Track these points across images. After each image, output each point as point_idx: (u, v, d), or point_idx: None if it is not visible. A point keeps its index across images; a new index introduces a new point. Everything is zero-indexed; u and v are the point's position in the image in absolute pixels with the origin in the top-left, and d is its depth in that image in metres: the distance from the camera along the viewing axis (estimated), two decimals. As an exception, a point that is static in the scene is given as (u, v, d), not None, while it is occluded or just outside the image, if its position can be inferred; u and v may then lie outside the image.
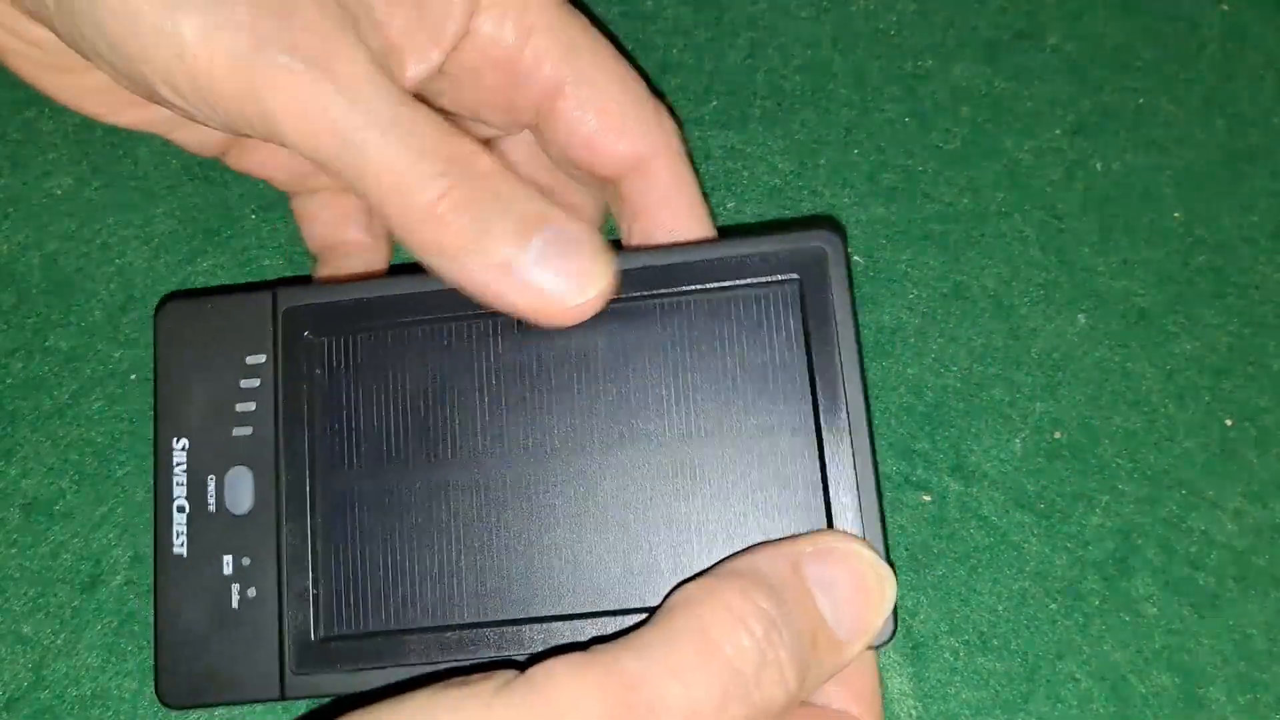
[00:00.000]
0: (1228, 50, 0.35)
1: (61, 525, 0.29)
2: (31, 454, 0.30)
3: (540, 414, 0.24)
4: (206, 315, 0.25)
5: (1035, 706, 0.28)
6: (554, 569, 0.24)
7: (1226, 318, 0.32)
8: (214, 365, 0.25)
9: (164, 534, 0.24)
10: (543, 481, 0.24)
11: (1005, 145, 0.34)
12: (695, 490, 0.24)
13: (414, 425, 0.24)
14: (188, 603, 0.24)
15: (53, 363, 0.31)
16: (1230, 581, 0.30)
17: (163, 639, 0.24)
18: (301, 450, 0.24)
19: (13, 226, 0.32)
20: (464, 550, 0.24)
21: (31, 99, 0.33)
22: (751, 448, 0.24)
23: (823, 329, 0.24)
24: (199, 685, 0.23)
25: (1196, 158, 0.34)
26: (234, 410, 0.24)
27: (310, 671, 0.23)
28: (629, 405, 0.24)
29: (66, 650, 0.28)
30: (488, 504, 0.24)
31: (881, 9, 0.35)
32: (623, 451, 0.24)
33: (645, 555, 0.23)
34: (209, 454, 0.24)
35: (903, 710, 0.28)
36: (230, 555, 0.24)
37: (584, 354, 0.24)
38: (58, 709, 0.27)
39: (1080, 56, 0.35)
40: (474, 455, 0.24)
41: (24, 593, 0.28)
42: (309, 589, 0.24)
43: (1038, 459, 0.31)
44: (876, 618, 0.22)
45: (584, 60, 0.25)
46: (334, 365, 0.24)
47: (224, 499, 0.24)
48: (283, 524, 0.24)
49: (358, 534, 0.24)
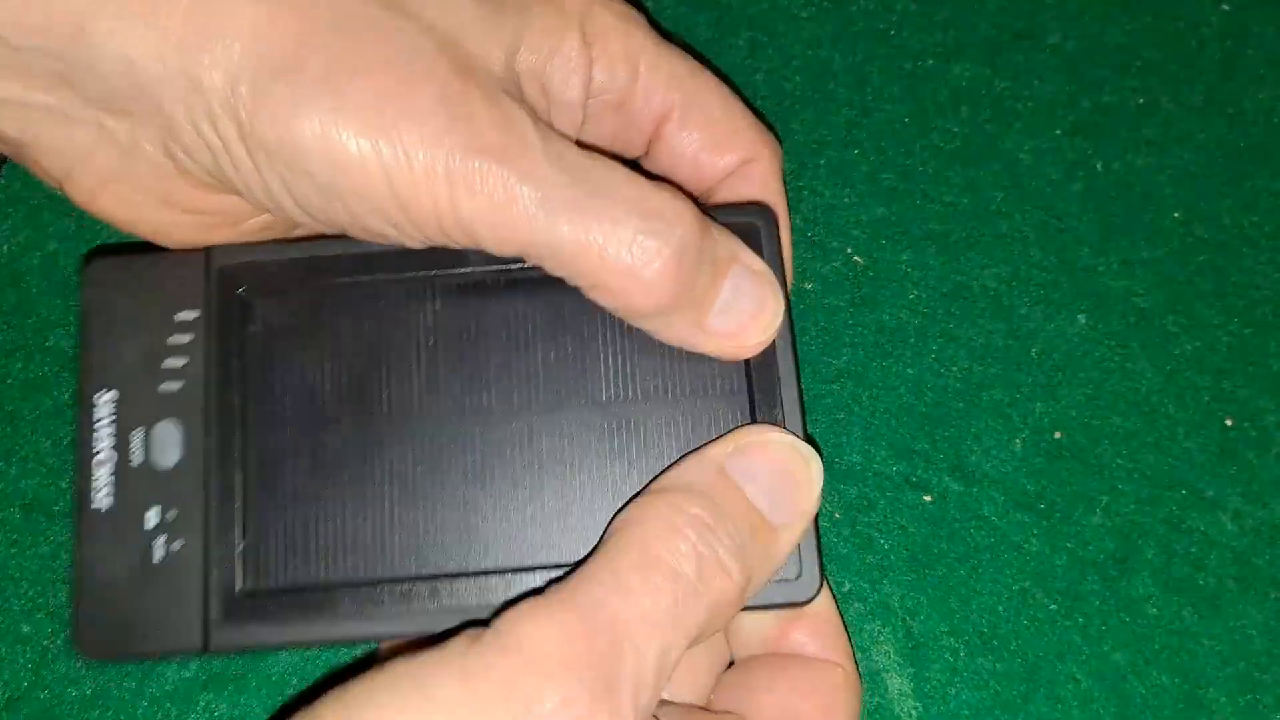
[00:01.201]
0: (1228, 50, 0.35)
1: (61, 525, 0.29)
2: (31, 454, 0.30)
3: (478, 375, 0.24)
4: (135, 271, 0.25)
5: (1035, 707, 0.28)
6: (488, 526, 0.24)
7: (1226, 318, 0.32)
8: (143, 320, 0.24)
9: (85, 486, 0.24)
10: (478, 441, 0.24)
11: (1005, 145, 0.34)
12: (631, 448, 0.24)
13: (349, 384, 0.24)
14: (109, 554, 0.23)
15: (53, 363, 0.30)
16: (1230, 582, 0.30)
17: (82, 591, 0.23)
18: (232, 405, 0.24)
19: (13, 226, 0.32)
20: (395, 507, 0.24)
21: (31, 99, 0.33)
22: (686, 407, 0.24)
23: None
24: (119, 637, 0.23)
25: (1196, 157, 0.34)
26: (163, 366, 0.24)
27: (234, 623, 0.23)
28: (566, 367, 0.24)
29: (66, 650, 0.28)
30: (422, 462, 0.24)
31: (881, 9, 0.35)
32: (559, 412, 0.24)
33: (580, 512, 0.24)
34: (136, 407, 0.24)
35: (903, 710, 0.28)
36: (156, 508, 0.24)
37: (522, 317, 0.24)
38: (57, 709, 0.27)
39: (1080, 56, 0.35)
40: (409, 414, 0.24)
41: (24, 592, 0.28)
42: (236, 542, 0.23)
43: (1038, 459, 0.31)
44: (807, 496, 0.23)
45: (688, 85, 0.27)
46: (267, 323, 0.24)
47: (151, 452, 0.24)
48: (212, 476, 0.24)
49: (288, 489, 0.24)
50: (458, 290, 0.25)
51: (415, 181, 0.21)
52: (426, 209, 0.22)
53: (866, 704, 0.28)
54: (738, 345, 0.24)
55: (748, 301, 0.23)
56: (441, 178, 0.21)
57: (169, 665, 0.28)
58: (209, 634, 0.23)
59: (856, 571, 0.30)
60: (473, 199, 0.21)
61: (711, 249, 0.23)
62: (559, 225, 0.22)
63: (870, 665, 0.29)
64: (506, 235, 0.22)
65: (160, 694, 0.28)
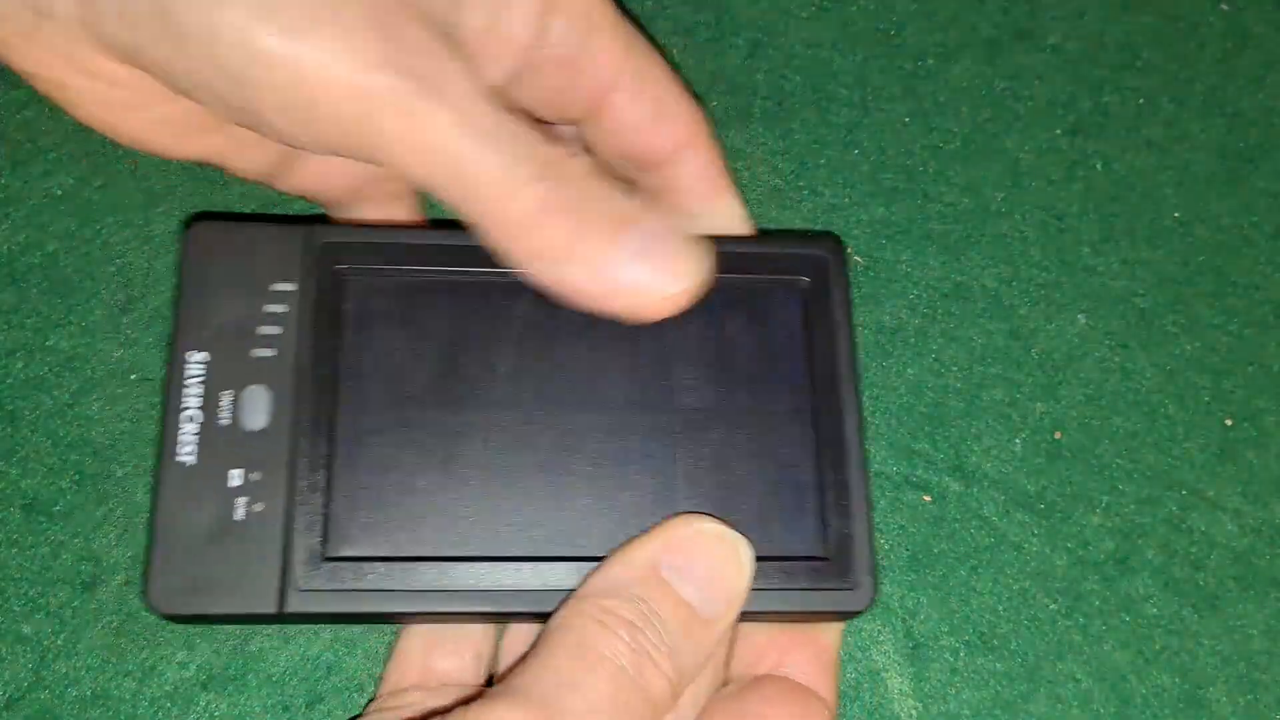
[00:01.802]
0: (1228, 50, 0.35)
1: (61, 525, 0.29)
2: (32, 454, 0.30)
3: (559, 370, 0.25)
4: (236, 238, 0.25)
5: (1035, 707, 0.28)
6: (559, 514, 0.25)
7: (1227, 318, 0.32)
8: (239, 287, 0.25)
9: (170, 441, 0.24)
10: (556, 433, 0.25)
11: (1005, 145, 0.34)
12: (698, 448, 0.25)
13: (437, 367, 0.25)
14: (189, 511, 0.24)
15: (53, 363, 0.31)
16: (1230, 582, 0.30)
17: (158, 545, 0.23)
18: (324, 376, 0.25)
19: (13, 226, 0.32)
20: (476, 488, 0.24)
21: (31, 99, 0.33)
22: (749, 424, 0.25)
23: (825, 328, 0.26)
24: (192, 594, 0.23)
25: (1196, 157, 0.34)
26: (256, 332, 0.25)
27: (312, 589, 0.23)
28: (643, 373, 0.26)
29: (66, 650, 0.28)
30: (502, 447, 0.25)
31: (881, 9, 0.35)
32: (635, 414, 0.25)
33: (645, 509, 0.25)
34: (227, 370, 0.24)
35: (903, 710, 0.28)
36: (239, 469, 0.24)
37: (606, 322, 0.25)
38: (57, 709, 0.27)
39: (1080, 56, 0.35)
40: (492, 402, 0.25)
41: (24, 593, 0.28)
42: (319, 508, 0.24)
43: (1038, 459, 0.31)
44: (736, 584, 0.23)
45: (638, 58, 0.27)
46: (361, 301, 0.25)
47: (238, 414, 0.24)
48: (300, 443, 0.24)
49: (372, 462, 0.24)
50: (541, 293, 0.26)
51: (330, 87, 0.21)
52: (338, 117, 0.22)
53: (867, 703, 0.28)
54: (640, 303, 0.23)
55: (657, 254, 0.23)
56: (360, 89, 0.21)
57: (169, 665, 0.28)
58: (285, 598, 0.23)
59: (857, 571, 0.30)
60: (386, 115, 0.22)
61: (613, 204, 0.23)
62: (467, 154, 0.22)
63: (870, 665, 0.29)
64: (412, 157, 0.22)
65: (160, 694, 0.28)
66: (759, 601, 0.24)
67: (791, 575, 0.25)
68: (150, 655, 0.28)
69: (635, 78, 0.27)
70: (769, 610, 0.25)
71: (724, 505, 0.25)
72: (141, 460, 0.30)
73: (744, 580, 0.23)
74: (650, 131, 0.27)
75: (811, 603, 0.24)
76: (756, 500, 0.25)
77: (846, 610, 0.25)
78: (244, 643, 0.28)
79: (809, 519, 0.25)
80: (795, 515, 0.25)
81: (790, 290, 0.27)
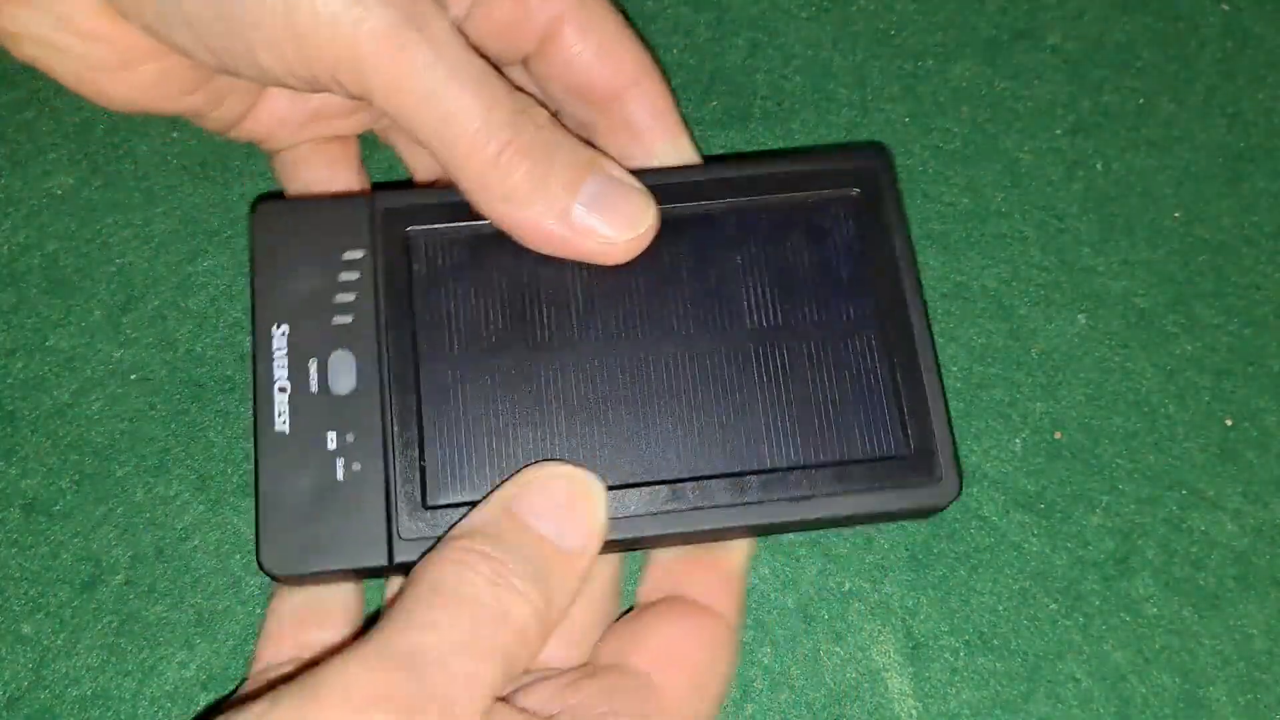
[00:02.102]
0: (1228, 50, 0.35)
1: (61, 525, 0.29)
2: (31, 454, 0.30)
3: (629, 306, 0.26)
4: (302, 214, 0.27)
5: (1035, 706, 0.28)
6: (642, 442, 0.26)
7: (1227, 318, 0.32)
8: (312, 259, 0.26)
9: (265, 412, 0.25)
10: (631, 364, 0.26)
11: (1005, 145, 0.34)
12: (773, 372, 0.26)
13: (510, 314, 0.26)
14: (291, 476, 0.25)
15: (53, 363, 0.31)
16: (1230, 581, 0.30)
17: (265, 511, 0.25)
18: (405, 335, 0.26)
19: (13, 227, 0.32)
20: (560, 424, 0.26)
21: (32, 99, 0.33)
22: (819, 335, 0.26)
23: (880, 236, 0.27)
24: (304, 553, 0.24)
25: (1196, 157, 0.34)
26: (333, 300, 0.26)
27: (418, 537, 0.24)
28: (709, 298, 0.27)
29: (66, 650, 0.28)
30: (581, 384, 0.26)
31: (881, 9, 0.35)
32: (707, 339, 0.26)
33: (727, 429, 0.26)
34: (310, 339, 0.26)
35: (903, 710, 0.28)
36: (334, 432, 0.25)
37: (669, 253, 0.27)
38: (57, 709, 0.27)
39: (1080, 56, 0.35)
40: (567, 342, 0.26)
41: (24, 592, 0.28)
42: (417, 459, 0.25)
43: (1038, 459, 0.31)
44: (592, 517, 0.24)
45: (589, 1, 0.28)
46: (431, 259, 0.27)
47: (327, 380, 0.25)
48: (389, 401, 0.25)
49: (461, 411, 0.26)
50: None
51: (320, 18, 0.23)
52: (327, 49, 0.23)
53: (867, 703, 0.28)
54: (596, 249, 0.25)
55: (612, 202, 0.25)
56: (349, 20, 0.23)
57: (169, 665, 0.28)
58: (393, 549, 0.24)
59: (856, 571, 0.30)
60: (373, 47, 0.23)
61: (574, 153, 0.25)
62: (447, 94, 0.24)
63: (870, 664, 0.29)
64: (394, 91, 0.24)
65: (160, 693, 0.28)
66: (847, 505, 0.25)
67: (876, 475, 0.25)
68: (150, 655, 0.28)
69: (582, 10, 0.28)
70: (858, 513, 0.25)
71: (803, 416, 0.26)
72: (141, 460, 0.30)
73: (598, 512, 0.24)
74: (599, 66, 0.28)
75: (898, 500, 0.25)
76: (834, 407, 0.26)
77: (934, 505, 0.26)
78: (243, 643, 0.28)
79: (887, 420, 0.26)
80: (874, 417, 0.26)
81: (843, 202, 0.27)
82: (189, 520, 0.29)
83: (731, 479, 0.25)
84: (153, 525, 0.29)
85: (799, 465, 0.26)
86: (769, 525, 0.25)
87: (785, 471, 0.25)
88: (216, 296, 0.31)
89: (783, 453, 0.26)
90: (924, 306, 0.27)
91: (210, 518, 0.29)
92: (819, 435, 0.26)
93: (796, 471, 0.25)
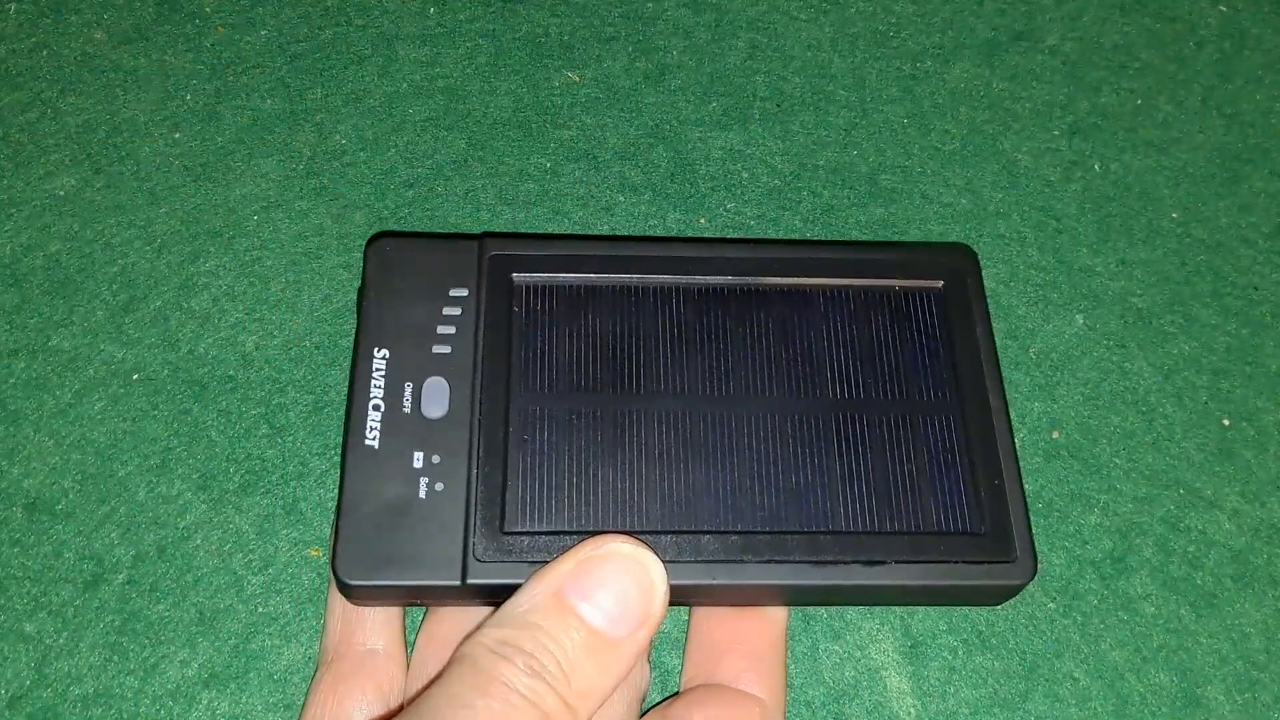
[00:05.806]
0: (1225, 51, 0.35)
1: (64, 524, 0.29)
2: (34, 454, 0.30)
3: (714, 366, 0.28)
4: (415, 251, 0.28)
5: (1033, 705, 0.29)
6: (718, 492, 0.26)
7: (1224, 318, 0.33)
8: (419, 291, 0.28)
9: (358, 426, 0.26)
10: (713, 420, 0.27)
11: (1003, 146, 0.34)
12: (847, 441, 0.27)
13: (601, 362, 0.27)
14: (374, 489, 0.26)
15: (55, 363, 0.31)
16: (1228, 580, 0.30)
17: (346, 520, 0.25)
18: (499, 370, 0.27)
19: (15, 227, 0.32)
20: (639, 470, 0.26)
21: (34, 100, 0.33)
22: (898, 411, 0.27)
23: (963, 324, 0.28)
24: (379, 565, 0.25)
25: (1194, 158, 0.34)
26: (435, 331, 0.27)
27: (493, 560, 0.25)
28: (793, 368, 0.28)
29: (68, 649, 0.28)
30: (664, 434, 0.27)
31: (880, 10, 0.36)
32: (786, 405, 0.27)
33: (797, 490, 0.26)
34: (408, 364, 0.27)
35: (902, 709, 0.28)
36: (421, 452, 0.26)
37: (758, 322, 0.28)
38: (60, 707, 0.27)
39: (1078, 57, 0.35)
40: (654, 393, 0.27)
41: (26, 591, 0.28)
42: (497, 487, 0.26)
43: (1036, 459, 0.31)
44: (649, 604, 0.24)
45: None
46: (531, 304, 0.28)
47: (420, 403, 0.27)
48: (478, 427, 0.26)
49: (546, 446, 0.27)
50: (701, 294, 0.28)
51: None
52: None
53: (866, 702, 0.28)
54: None
55: None
56: None
57: (171, 664, 0.28)
58: (467, 569, 0.25)
59: (855, 570, 0.30)
60: None
61: None
62: None
63: (869, 663, 0.29)
64: None
65: (162, 692, 0.28)
66: (918, 573, 0.25)
67: (950, 548, 0.26)
68: (152, 654, 0.28)
69: None
70: (929, 584, 0.25)
71: (879, 485, 0.26)
72: (143, 459, 0.30)
73: (654, 598, 0.23)
74: None
75: (972, 575, 0.25)
76: (911, 480, 0.26)
77: (1009, 584, 0.26)
78: (245, 641, 0.28)
79: (964, 497, 0.26)
80: (950, 493, 0.26)
81: (929, 292, 0.29)
82: (191, 519, 0.29)
83: (805, 536, 0.26)
84: (155, 524, 0.29)
85: (874, 531, 0.26)
86: (837, 587, 0.25)
87: (860, 535, 0.26)
88: (218, 297, 0.32)
89: (858, 518, 0.26)
90: (1004, 395, 0.27)
91: (212, 517, 0.29)
92: (894, 505, 0.26)
93: (871, 536, 0.26)
